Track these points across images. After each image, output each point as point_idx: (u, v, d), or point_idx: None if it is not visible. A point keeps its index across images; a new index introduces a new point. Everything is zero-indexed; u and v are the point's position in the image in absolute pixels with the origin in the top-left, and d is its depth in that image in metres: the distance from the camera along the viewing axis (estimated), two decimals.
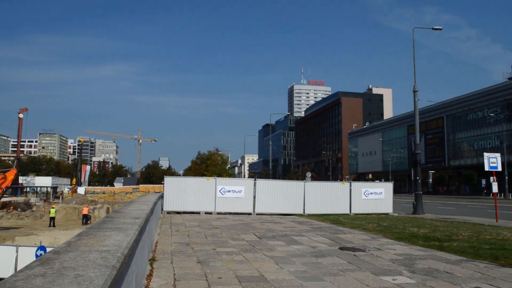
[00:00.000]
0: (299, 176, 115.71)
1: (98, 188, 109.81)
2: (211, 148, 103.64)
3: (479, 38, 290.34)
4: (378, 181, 71.95)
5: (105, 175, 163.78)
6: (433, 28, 28.39)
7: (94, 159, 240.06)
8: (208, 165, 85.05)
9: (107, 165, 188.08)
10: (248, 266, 8.01)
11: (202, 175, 73.28)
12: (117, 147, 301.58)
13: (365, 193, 23.16)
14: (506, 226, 16.07)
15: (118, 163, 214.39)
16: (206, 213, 21.15)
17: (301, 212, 22.12)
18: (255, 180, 23.00)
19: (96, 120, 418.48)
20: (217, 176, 48.94)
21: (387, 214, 23.10)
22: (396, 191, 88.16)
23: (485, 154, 17.98)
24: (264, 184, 22.83)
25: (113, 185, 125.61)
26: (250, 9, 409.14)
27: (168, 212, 21.01)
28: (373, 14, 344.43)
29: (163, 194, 21.45)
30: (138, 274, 5.08)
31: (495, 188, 19.00)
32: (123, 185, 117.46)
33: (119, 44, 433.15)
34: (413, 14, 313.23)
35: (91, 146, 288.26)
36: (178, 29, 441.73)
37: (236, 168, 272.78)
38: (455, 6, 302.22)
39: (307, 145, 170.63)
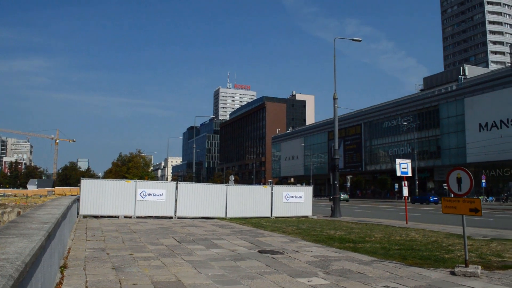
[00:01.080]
0: (223, 179, 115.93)
1: (9, 191, 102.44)
2: (134, 150, 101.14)
3: (396, 51, 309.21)
4: (299, 185, 73.94)
5: (17, 176, 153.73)
6: (353, 39, 29.61)
7: (5, 159, 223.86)
8: (130, 167, 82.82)
9: (19, 166, 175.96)
10: (165, 271, 7.85)
11: (123, 177, 71.15)
12: (31, 146, 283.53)
13: (286, 197, 23.67)
14: (415, 228, 17.11)
15: (32, 164, 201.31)
16: (125, 217, 20.50)
17: (223, 216, 22.12)
18: (177, 183, 22.66)
19: (8, 118, 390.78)
20: (139, 179, 47.69)
21: (306, 217, 23.72)
22: (316, 194, 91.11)
23: (397, 160, 19.08)
24: (186, 187, 22.56)
25: (26, 188, 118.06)
26: (176, 11, 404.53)
27: (85, 216, 20.11)
28: (299, 22, 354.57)
29: (79, 197, 20.51)
30: (45, 282, 4.79)
31: (405, 192, 20.24)
32: (37, 188, 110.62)
33: (33, 37, 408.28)
34: (337, 24, 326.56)
35: (2, 146, 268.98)
36: (101, 26, 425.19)
37: (159, 170, 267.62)
38: (374, 20, 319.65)
39: (231, 149, 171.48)
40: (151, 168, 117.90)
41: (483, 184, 54.50)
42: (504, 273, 7.93)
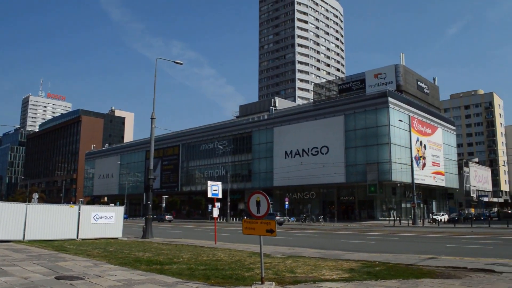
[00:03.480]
0: (26, 197, 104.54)
1: None
2: None
3: (217, 78, 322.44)
4: (113, 204, 70.91)
5: None
6: (174, 62, 29.96)
7: None
8: None
9: None
10: None
11: None
12: None
13: (95, 217, 22.47)
14: (222, 248, 17.83)
15: None
16: None
17: (21, 238, 19.93)
18: None
19: None
20: None
21: (116, 238, 22.88)
22: (131, 214, 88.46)
23: (209, 182, 19.77)
24: None
25: None
26: None
27: None
28: (124, 37, 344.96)
29: None
30: None
31: (215, 213, 21.04)
32: None
33: None
34: (162, 45, 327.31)
35: None
36: None
37: None
38: (198, 46, 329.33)
39: (39, 163, 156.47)
40: None
41: (287, 206, 59.95)
42: (294, 287, 8.77)
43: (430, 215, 64.05)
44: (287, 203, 59.97)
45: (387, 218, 55.18)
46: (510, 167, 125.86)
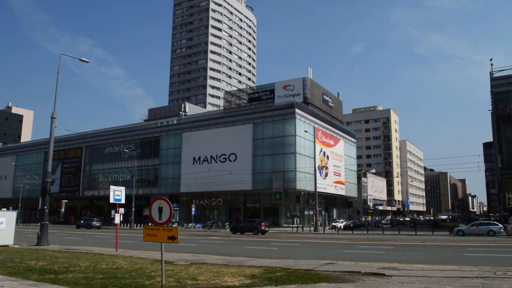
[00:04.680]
0: None
1: None
2: None
3: (126, 79, 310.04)
4: (5, 209, 65.61)
5: None
6: (80, 59, 28.67)
7: None
8: None
9: None
10: None
11: None
12: None
13: None
14: (123, 255, 17.29)
15: None
16: None
17: None
18: None
19: None
20: None
21: (7, 246, 21.29)
22: (27, 220, 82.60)
23: (111, 187, 19.11)
24: None
25: None
26: None
27: None
28: (27, 30, 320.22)
29: None
30: None
31: (117, 219, 20.37)
32: None
33: None
34: (68, 40, 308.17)
35: None
36: None
37: None
38: (108, 44, 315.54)
39: None
40: None
41: (193, 212, 59.52)
42: None
43: (331, 222, 67.22)
44: (193, 209, 59.58)
45: (291, 225, 56.89)
46: (403, 179, 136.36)
